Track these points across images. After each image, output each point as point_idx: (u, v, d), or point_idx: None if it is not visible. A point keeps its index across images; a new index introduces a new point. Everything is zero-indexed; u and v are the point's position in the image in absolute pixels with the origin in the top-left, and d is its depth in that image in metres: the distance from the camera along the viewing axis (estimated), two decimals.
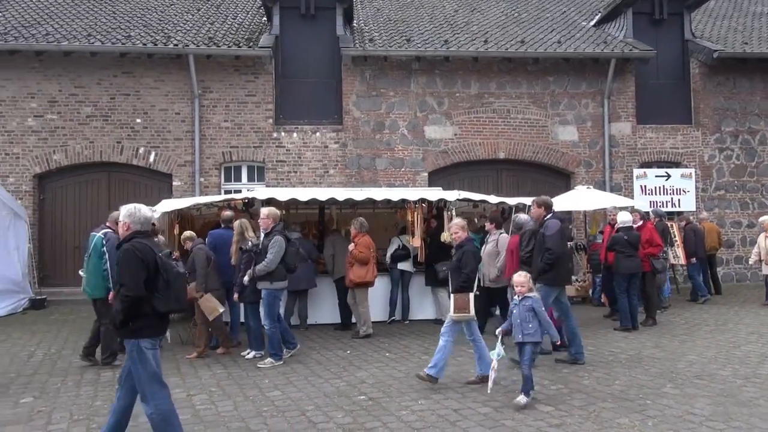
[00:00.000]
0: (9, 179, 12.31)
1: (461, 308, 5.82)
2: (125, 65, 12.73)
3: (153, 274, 3.96)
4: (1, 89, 12.54)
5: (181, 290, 4.14)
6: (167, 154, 12.79)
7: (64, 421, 5.02)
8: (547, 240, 6.55)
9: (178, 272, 4.11)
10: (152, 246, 4.09)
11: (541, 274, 6.53)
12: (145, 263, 3.94)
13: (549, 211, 6.86)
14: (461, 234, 6.13)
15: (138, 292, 3.91)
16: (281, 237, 6.93)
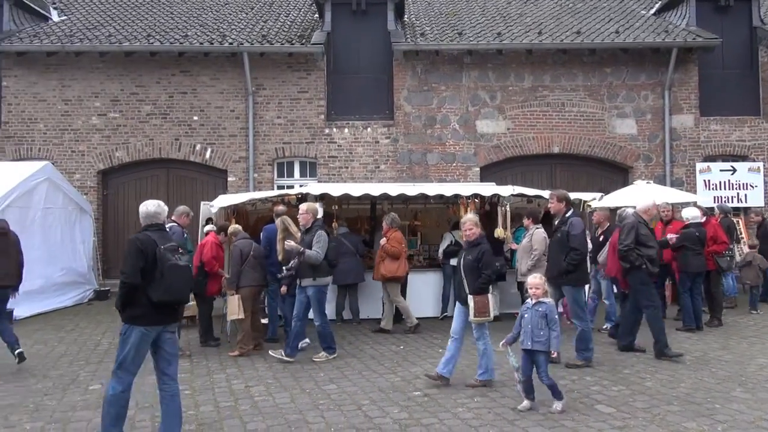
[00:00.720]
0: (75, 176, 12.86)
1: (482, 311, 5.52)
2: (183, 64, 13.09)
3: (150, 264, 4.13)
4: (67, 89, 13.11)
5: (174, 282, 4.17)
6: (222, 150, 13.09)
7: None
8: (573, 239, 6.24)
9: (173, 264, 4.17)
10: (157, 238, 4.23)
11: (565, 275, 6.32)
12: (144, 254, 4.12)
13: (569, 206, 6.58)
14: (475, 231, 5.73)
15: (133, 280, 4.10)
16: (324, 231, 6.91)
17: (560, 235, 6.37)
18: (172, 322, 4.35)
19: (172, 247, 4.28)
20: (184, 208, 7.57)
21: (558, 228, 6.49)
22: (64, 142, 13.03)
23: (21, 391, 5.68)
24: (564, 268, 6.25)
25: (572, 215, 6.45)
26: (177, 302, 4.31)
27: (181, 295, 4.31)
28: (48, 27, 13.71)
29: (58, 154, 12.91)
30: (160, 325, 4.24)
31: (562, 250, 6.29)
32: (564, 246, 6.27)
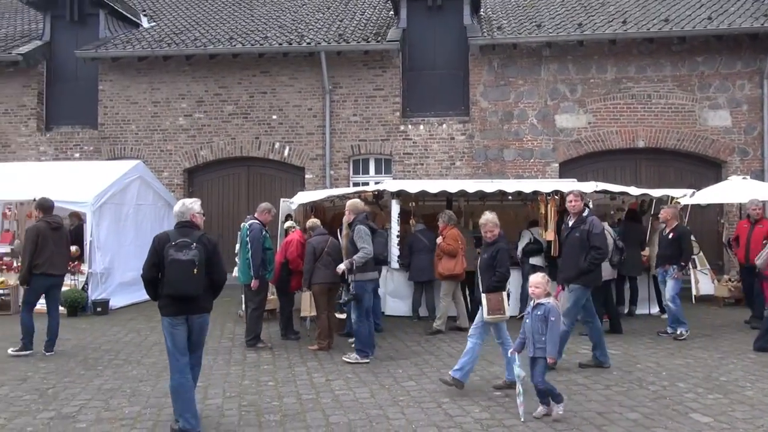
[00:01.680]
0: (164, 173, 13.53)
1: (495, 309, 5.40)
2: (263, 65, 13.48)
3: (161, 260, 4.43)
4: (156, 92, 13.81)
5: (173, 276, 4.38)
6: (300, 148, 13.38)
7: (218, 397, 5.41)
8: (595, 238, 6.07)
9: (173, 260, 4.38)
10: (171, 235, 4.56)
11: (581, 275, 6.09)
12: (156, 251, 4.48)
13: (585, 205, 6.42)
14: (495, 232, 5.70)
15: (145, 274, 4.55)
16: (363, 225, 6.74)
17: (579, 234, 6.17)
18: (192, 313, 4.57)
19: (182, 243, 4.46)
20: (266, 205, 7.78)
21: (575, 227, 6.26)
22: (153, 142, 13.74)
23: (119, 377, 6.03)
24: (585, 268, 6.07)
25: (590, 214, 6.32)
26: (180, 295, 4.44)
27: (182, 288, 4.41)
28: (139, 33, 14.50)
29: (148, 154, 13.63)
30: (182, 315, 4.52)
31: (582, 250, 6.11)
32: (584, 245, 6.10)
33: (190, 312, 4.56)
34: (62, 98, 14.39)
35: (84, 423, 4.72)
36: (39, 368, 6.37)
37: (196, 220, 4.78)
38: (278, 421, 4.76)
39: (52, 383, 5.82)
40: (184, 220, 4.72)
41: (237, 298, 10.08)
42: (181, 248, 4.43)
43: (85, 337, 8.10)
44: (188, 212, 4.74)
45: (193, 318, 4.58)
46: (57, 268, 7.17)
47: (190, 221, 4.74)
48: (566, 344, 6.17)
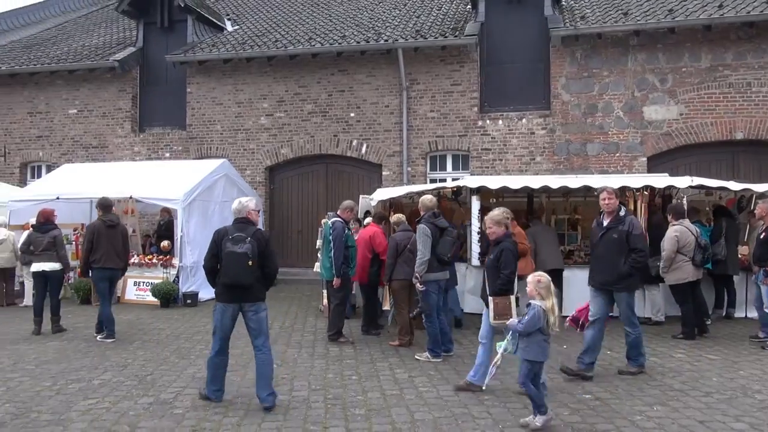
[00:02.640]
0: (246, 171, 14.01)
1: (501, 314, 5.08)
2: (341, 63, 13.66)
3: (219, 252, 4.94)
4: (240, 93, 14.30)
5: (229, 266, 4.87)
6: (377, 145, 13.46)
7: (304, 389, 5.52)
8: (635, 240, 5.67)
9: (229, 252, 4.88)
10: (230, 230, 5.04)
11: (622, 280, 5.69)
12: (216, 243, 5.01)
13: (621, 204, 5.97)
14: (496, 230, 5.36)
15: (206, 264, 5.10)
16: (425, 225, 6.51)
17: (617, 236, 5.70)
18: (245, 302, 4.98)
19: (238, 237, 4.93)
20: (348, 203, 7.86)
21: (611, 227, 5.78)
22: (237, 141, 14.25)
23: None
24: (625, 271, 5.65)
25: (627, 214, 5.92)
26: (234, 284, 4.88)
27: (236, 278, 4.88)
28: (224, 36, 15.07)
29: (232, 152, 14.15)
30: (234, 302, 4.98)
31: (620, 252, 5.67)
32: (621, 247, 5.68)
33: (243, 300, 4.98)
34: (154, 101, 15.20)
35: (180, 409, 4.94)
36: (137, 356, 6.74)
37: (251, 216, 5.18)
38: (364, 416, 4.80)
39: (150, 370, 6.14)
40: (241, 217, 5.13)
41: (318, 293, 10.30)
42: (237, 242, 4.89)
43: (177, 327, 8.51)
44: (244, 210, 5.14)
45: (246, 306, 4.99)
46: (113, 262, 7.75)
47: (246, 217, 5.14)
48: (642, 348, 5.95)
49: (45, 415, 4.77)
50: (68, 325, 8.23)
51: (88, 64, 14.74)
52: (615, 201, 5.84)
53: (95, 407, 4.98)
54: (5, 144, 15.82)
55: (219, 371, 5.09)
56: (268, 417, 4.75)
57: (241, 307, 5.00)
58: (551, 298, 4.54)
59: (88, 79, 15.16)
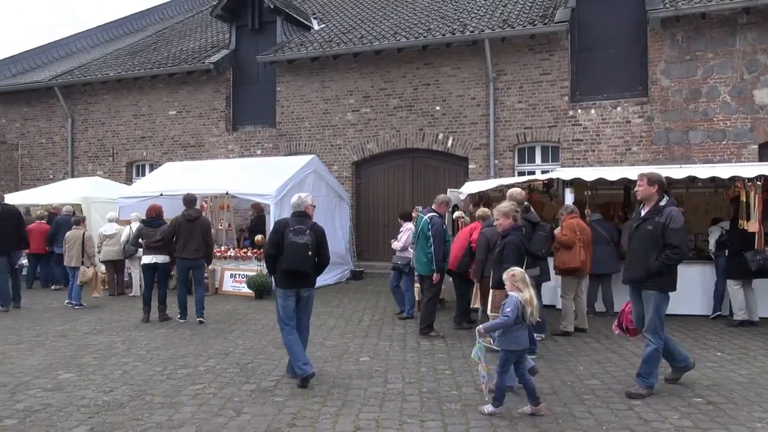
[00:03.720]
0: (333, 167, 14.27)
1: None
2: (426, 57, 13.60)
3: (281, 240, 5.39)
4: (327, 90, 14.58)
5: (291, 255, 5.36)
6: (464, 138, 13.30)
7: (398, 381, 5.55)
8: (672, 234, 4.93)
9: (291, 242, 5.36)
10: (290, 222, 5.52)
11: (652, 278, 5.00)
12: (277, 234, 5.47)
13: (662, 192, 5.15)
14: (503, 222, 5.32)
15: (267, 251, 5.58)
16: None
17: (652, 228, 5.03)
18: (302, 287, 5.53)
19: (298, 229, 5.44)
20: (444, 197, 7.83)
21: (647, 218, 5.11)
22: (324, 137, 14.55)
23: None
24: (656, 269, 4.97)
25: (668, 204, 5.09)
26: (295, 271, 5.41)
27: (297, 266, 5.41)
28: (311, 35, 15.42)
29: (320, 149, 14.46)
30: (292, 288, 5.49)
31: (655, 247, 5.00)
32: (656, 241, 5.00)
33: (300, 286, 5.53)
34: (246, 100, 15.81)
35: (281, 397, 5.10)
36: (237, 345, 7.04)
37: (309, 211, 5.69)
38: (460, 411, 4.75)
39: (250, 359, 6.39)
40: (300, 210, 5.63)
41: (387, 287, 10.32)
42: (297, 233, 5.41)
43: (272, 318, 8.79)
44: (303, 204, 5.66)
45: (302, 291, 5.56)
46: (190, 253, 8.36)
47: (304, 211, 5.64)
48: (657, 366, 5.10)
49: (158, 398, 5.07)
50: (172, 313, 8.73)
51: (185, 68, 15.55)
52: (648, 188, 5.13)
53: (203, 392, 5.24)
54: (113, 145, 17.01)
55: (297, 347, 5.48)
56: (365, 408, 4.81)
57: (298, 292, 5.53)
58: (528, 289, 4.62)
59: (186, 82, 16.00)
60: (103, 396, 5.11)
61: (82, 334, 7.70)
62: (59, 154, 17.82)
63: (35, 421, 4.52)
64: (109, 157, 17.05)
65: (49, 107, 17.92)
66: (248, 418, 4.58)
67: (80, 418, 4.59)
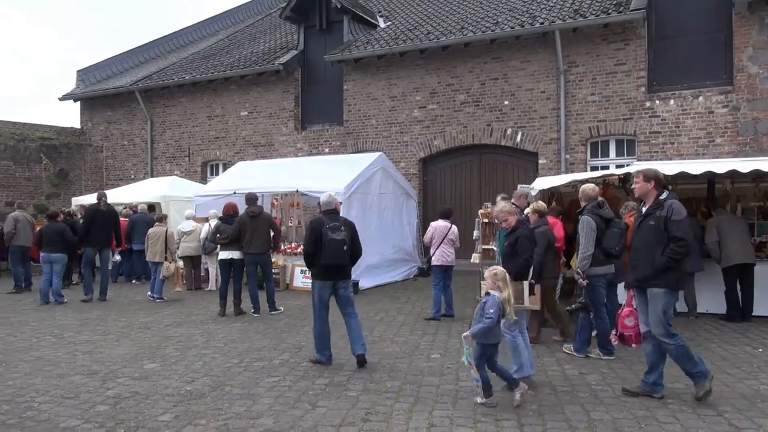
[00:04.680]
0: (400, 164, 14.30)
1: (515, 298, 4.98)
2: (494, 51, 13.38)
3: (319, 238, 5.85)
4: (393, 87, 14.62)
5: (331, 250, 5.83)
6: (533, 132, 13.00)
7: (470, 379, 5.47)
8: (676, 227, 4.76)
9: (330, 239, 5.83)
10: (325, 220, 5.96)
11: (661, 274, 4.78)
12: (315, 231, 5.93)
13: (660, 187, 5.01)
14: (510, 220, 5.57)
15: (308, 249, 6.00)
16: (589, 217, 6.06)
17: (654, 223, 4.86)
18: (339, 279, 6.01)
19: (334, 226, 5.91)
20: (522, 190, 7.70)
21: (649, 214, 4.94)
22: (391, 134, 14.59)
23: (377, 352, 6.48)
24: (662, 264, 4.76)
25: (669, 197, 4.93)
26: (334, 265, 5.89)
27: (337, 260, 5.88)
28: (377, 33, 15.49)
29: (386, 146, 14.52)
30: (331, 280, 5.98)
31: (659, 242, 4.82)
32: (660, 236, 4.81)
33: (338, 278, 6.01)
34: (314, 100, 16.09)
35: (353, 392, 5.15)
36: (309, 340, 7.12)
37: (338, 207, 6.26)
38: (536, 411, 4.64)
39: None
40: (331, 208, 6.12)
41: (473, 284, 10.22)
42: (334, 230, 5.88)
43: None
44: (333, 202, 6.19)
45: (339, 283, 6.02)
46: (255, 247, 8.80)
47: (334, 209, 6.12)
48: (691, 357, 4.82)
49: (236, 389, 5.24)
50: (246, 308, 8.99)
51: (256, 69, 15.99)
52: (645, 185, 5.00)
53: (278, 384, 5.37)
54: (189, 145, 17.74)
55: (325, 339, 6.06)
56: (438, 405, 4.78)
57: (335, 283, 5.99)
58: (507, 289, 4.78)
59: (257, 83, 16.46)
60: (186, 386, 5.33)
61: (164, 326, 8.07)
62: (140, 155, 18.76)
63: (125, 408, 4.77)
64: (186, 157, 17.79)
65: (130, 111, 18.90)
66: (323, 412, 4.66)
67: (165, 406, 4.81)
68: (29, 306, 9.87)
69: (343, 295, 6.09)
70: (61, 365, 6.08)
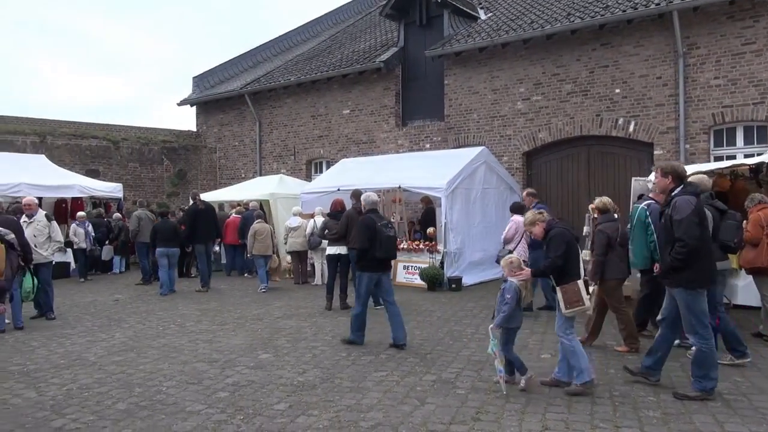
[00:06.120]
0: (503, 158, 13.95)
1: (572, 301, 4.87)
2: (603, 37, 12.68)
3: (374, 234, 6.55)
4: (495, 80, 14.28)
5: (387, 246, 6.60)
6: (648, 121, 12.19)
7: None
8: (676, 226, 4.64)
9: (386, 235, 6.61)
10: (376, 218, 6.70)
11: (670, 273, 4.73)
12: (370, 228, 6.58)
13: (678, 182, 4.83)
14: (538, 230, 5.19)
15: (365, 245, 6.59)
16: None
17: (664, 221, 4.85)
18: (384, 271, 6.77)
19: (385, 224, 6.73)
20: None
21: (663, 211, 4.91)
22: (493, 128, 14.28)
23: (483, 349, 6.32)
24: (668, 265, 4.72)
25: (680, 193, 4.75)
26: (387, 258, 6.71)
27: (391, 254, 6.74)
28: (477, 26, 15.21)
29: (488, 140, 14.22)
30: (380, 271, 6.71)
31: (669, 241, 4.77)
32: (669, 235, 4.75)
33: (384, 270, 6.78)
34: (414, 96, 16.09)
35: (462, 390, 5.08)
36: (415, 335, 7.17)
37: (378, 207, 7.07)
38: (660, 419, 4.33)
39: (428, 349, 6.47)
40: (375, 207, 6.99)
41: None
42: (386, 227, 6.69)
43: (446, 310, 8.87)
44: (377, 202, 7.14)
45: (383, 274, 6.77)
46: None
47: (376, 208, 6.97)
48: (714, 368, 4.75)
49: (346, 382, 5.33)
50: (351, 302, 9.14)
51: (357, 68, 16.24)
52: (662, 180, 4.90)
53: (386, 379, 5.40)
54: (294, 144, 18.39)
55: (362, 322, 6.70)
56: (551, 408, 4.60)
57: (380, 275, 6.69)
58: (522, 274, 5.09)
59: (358, 81, 16.73)
60: (298, 377, 5.50)
61: (275, 318, 8.41)
62: (249, 155, 19.72)
63: (243, 395, 5.00)
64: (291, 156, 18.46)
65: (240, 113, 19.91)
66: (432, 409, 4.62)
67: (280, 395, 4.98)
68: (155, 296, 10.66)
69: (386, 286, 6.75)
70: (185, 352, 6.49)
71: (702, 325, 4.68)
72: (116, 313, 9.04)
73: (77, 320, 8.47)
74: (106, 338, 7.27)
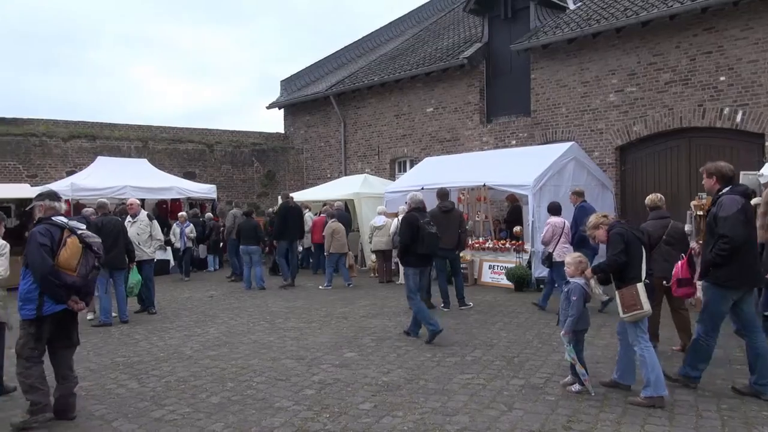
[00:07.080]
0: (594, 153, 13.33)
1: (630, 305, 4.68)
2: (706, 21, 11.79)
3: (416, 232, 6.94)
4: (585, 71, 13.67)
5: (429, 242, 6.98)
6: (758, 110, 11.21)
7: (689, 393, 4.84)
8: (720, 223, 4.65)
9: (428, 232, 6.97)
10: (419, 216, 7.08)
11: (710, 269, 4.73)
12: (413, 226, 6.98)
13: (725, 182, 4.84)
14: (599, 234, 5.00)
15: (407, 241, 6.98)
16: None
17: (709, 219, 4.86)
18: (427, 266, 7.37)
19: (427, 221, 7.07)
20: None
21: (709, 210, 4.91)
22: (583, 122, 13.67)
23: None
24: (709, 260, 4.73)
25: (728, 192, 4.77)
26: (429, 254, 7.12)
27: (432, 250, 7.10)
28: (566, 16, 14.61)
29: (578, 135, 13.63)
30: (421, 266, 7.16)
31: (712, 238, 4.78)
32: (713, 232, 4.77)
33: (426, 265, 7.31)
34: (499, 92, 15.73)
35: (552, 396, 4.86)
36: (501, 337, 6.98)
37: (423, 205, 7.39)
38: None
39: (516, 352, 6.27)
40: (420, 206, 7.29)
41: None
42: (428, 224, 7.05)
43: (534, 311, 8.59)
44: (422, 201, 7.42)
45: (426, 269, 7.40)
46: (446, 243, 8.67)
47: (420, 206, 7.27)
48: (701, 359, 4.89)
49: (431, 384, 5.26)
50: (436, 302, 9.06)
51: (441, 65, 16.09)
52: (708, 181, 4.94)
53: (472, 382, 5.28)
54: (378, 144, 18.52)
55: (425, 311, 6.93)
56: (650, 419, 4.30)
57: (422, 270, 7.20)
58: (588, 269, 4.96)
59: (442, 79, 16.58)
60: (382, 377, 5.49)
61: (360, 317, 8.48)
62: (335, 155, 20.08)
63: (329, 393, 5.05)
64: (375, 155, 18.61)
65: (325, 114, 20.32)
66: (520, 415, 4.46)
67: (365, 395, 4.99)
68: (245, 293, 11.08)
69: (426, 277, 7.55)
70: (274, 349, 6.67)
71: (713, 325, 4.82)
72: (210, 309, 9.47)
73: (175, 315, 8.95)
74: (201, 333, 7.63)
